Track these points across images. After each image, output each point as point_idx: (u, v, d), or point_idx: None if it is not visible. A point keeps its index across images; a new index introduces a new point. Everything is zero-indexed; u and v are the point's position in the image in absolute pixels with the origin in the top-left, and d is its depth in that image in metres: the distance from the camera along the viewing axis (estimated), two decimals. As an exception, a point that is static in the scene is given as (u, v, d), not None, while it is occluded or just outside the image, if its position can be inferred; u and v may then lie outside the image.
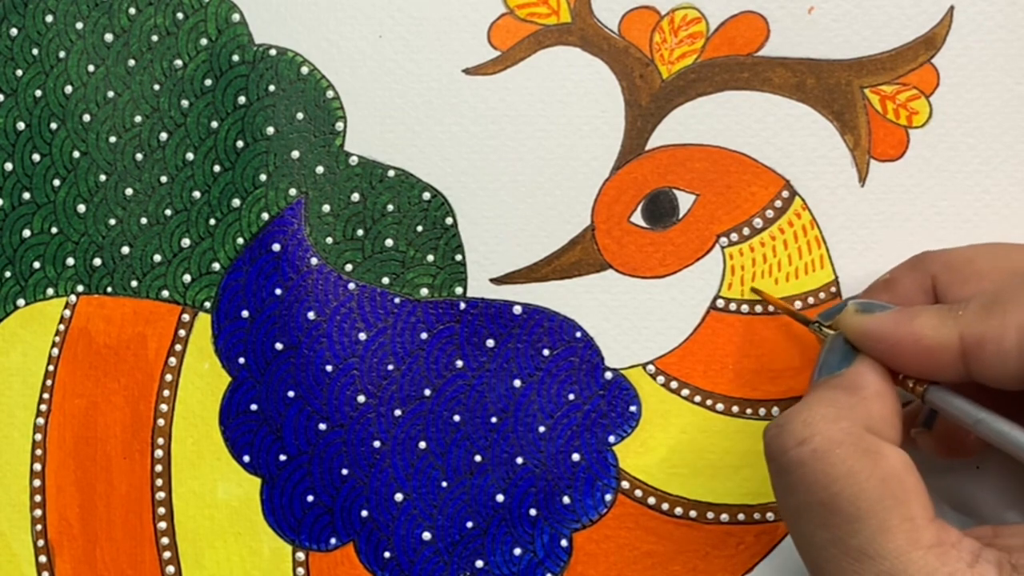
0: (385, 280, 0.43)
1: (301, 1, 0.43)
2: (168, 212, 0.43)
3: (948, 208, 0.43)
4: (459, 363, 0.43)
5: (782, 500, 0.36)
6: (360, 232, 0.43)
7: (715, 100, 0.43)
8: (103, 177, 0.43)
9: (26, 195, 0.43)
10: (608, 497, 0.43)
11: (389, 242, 0.43)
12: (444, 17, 0.43)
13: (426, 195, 0.43)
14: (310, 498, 0.43)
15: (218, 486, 0.43)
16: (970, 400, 0.36)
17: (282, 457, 0.43)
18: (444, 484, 0.43)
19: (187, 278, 0.43)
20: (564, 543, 0.43)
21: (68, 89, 0.43)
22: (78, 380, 0.43)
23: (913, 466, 0.35)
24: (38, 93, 0.43)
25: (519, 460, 0.43)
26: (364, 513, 0.43)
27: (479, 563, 0.43)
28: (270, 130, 0.43)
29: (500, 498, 0.43)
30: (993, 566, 0.33)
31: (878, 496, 0.34)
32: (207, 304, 0.43)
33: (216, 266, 0.43)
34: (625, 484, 0.43)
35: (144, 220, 0.43)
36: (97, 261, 0.43)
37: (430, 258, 0.43)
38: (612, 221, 0.43)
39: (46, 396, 0.43)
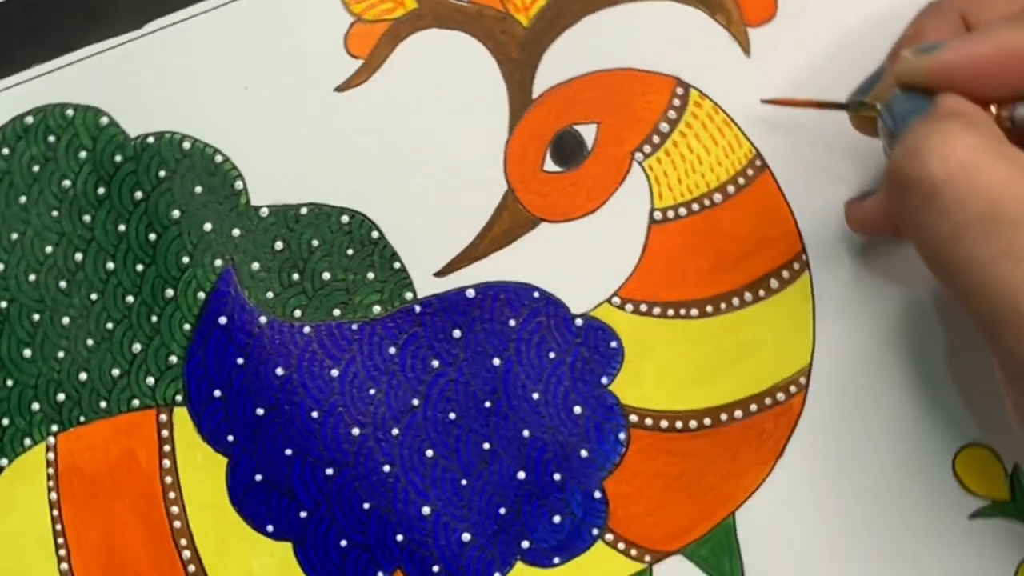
0: (336, 312, 0.43)
1: (161, 84, 0.43)
2: (110, 326, 0.43)
3: (840, 39, 0.43)
4: (435, 363, 0.43)
5: (932, 228, 0.33)
6: (296, 276, 0.43)
7: (581, 28, 0.43)
8: (36, 316, 0.43)
9: (-28, 360, 0.43)
10: (622, 436, 0.43)
11: (326, 275, 0.43)
12: (298, 46, 0.43)
13: (344, 219, 0.43)
14: (343, 543, 0.43)
15: (253, 564, 0.43)
16: None
17: (302, 514, 0.43)
18: (464, 482, 0.43)
19: (151, 380, 0.43)
20: (597, 495, 0.43)
21: (-26, 247, 0.43)
22: (85, 515, 0.43)
23: None
24: (-53, 261, 0.43)
25: (525, 433, 0.43)
26: (399, 538, 0.43)
27: (525, 544, 0.43)
28: (176, 213, 0.43)
29: (521, 475, 0.43)
30: None
31: None
32: (178, 398, 0.43)
33: (173, 359, 0.43)
34: (633, 418, 0.43)
35: (90, 341, 0.43)
36: (61, 396, 0.43)
37: (371, 276, 0.43)
38: (527, 177, 0.43)
39: (60, 541, 0.43)
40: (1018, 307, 0.32)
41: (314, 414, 0.43)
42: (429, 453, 0.43)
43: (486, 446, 0.43)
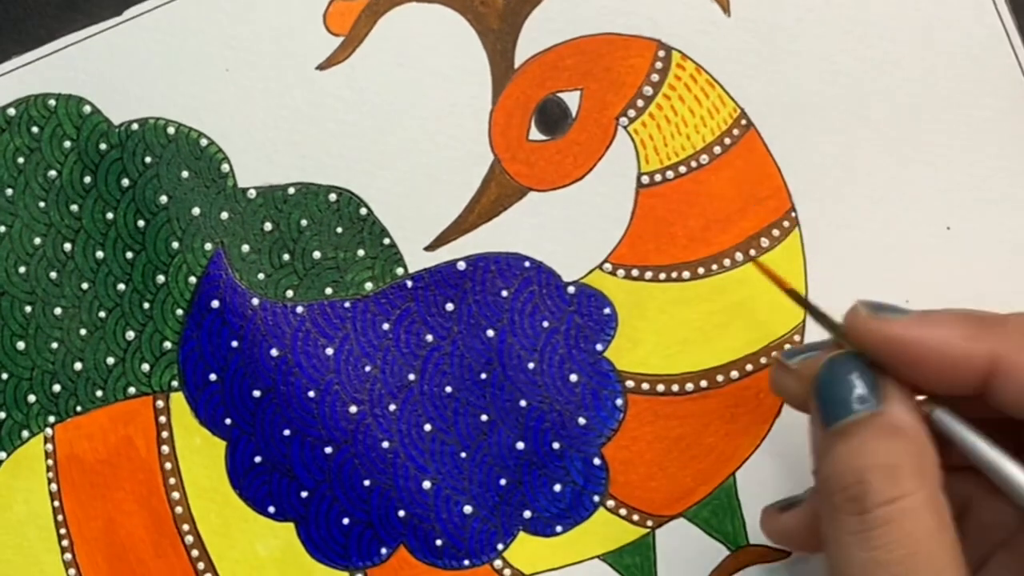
0: (328, 291, 0.43)
1: (143, 70, 0.43)
2: (102, 314, 0.43)
3: None
4: (429, 337, 0.43)
5: (854, 552, 0.34)
6: (286, 257, 0.43)
7: (560, -4, 0.43)
8: (28, 308, 0.43)
9: (-34, 356, 0.43)
10: (619, 402, 0.43)
11: (317, 255, 0.43)
12: (277, 26, 0.43)
13: (332, 196, 0.43)
14: (346, 521, 0.43)
15: (256, 546, 0.43)
16: (976, 429, 0.35)
17: (303, 494, 0.43)
18: (463, 455, 0.43)
19: (145, 367, 0.43)
20: (597, 461, 0.43)
21: (-37, 242, 0.43)
22: (86, 504, 0.43)
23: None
24: (-63, 257, 0.43)
25: (523, 403, 0.43)
26: (401, 513, 0.43)
27: (527, 513, 0.43)
28: (163, 199, 0.43)
29: (520, 445, 0.43)
30: None
31: (948, 560, 0.34)
32: (174, 383, 0.43)
33: (167, 345, 0.43)
34: (630, 383, 0.43)
35: (83, 331, 0.43)
36: (56, 387, 0.43)
37: (361, 253, 0.43)
38: (513, 146, 0.43)
39: (63, 532, 0.43)
40: None
41: (311, 393, 0.43)
42: (427, 427, 0.43)
43: (484, 418, 0.43)
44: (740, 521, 0.43)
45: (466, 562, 0.43)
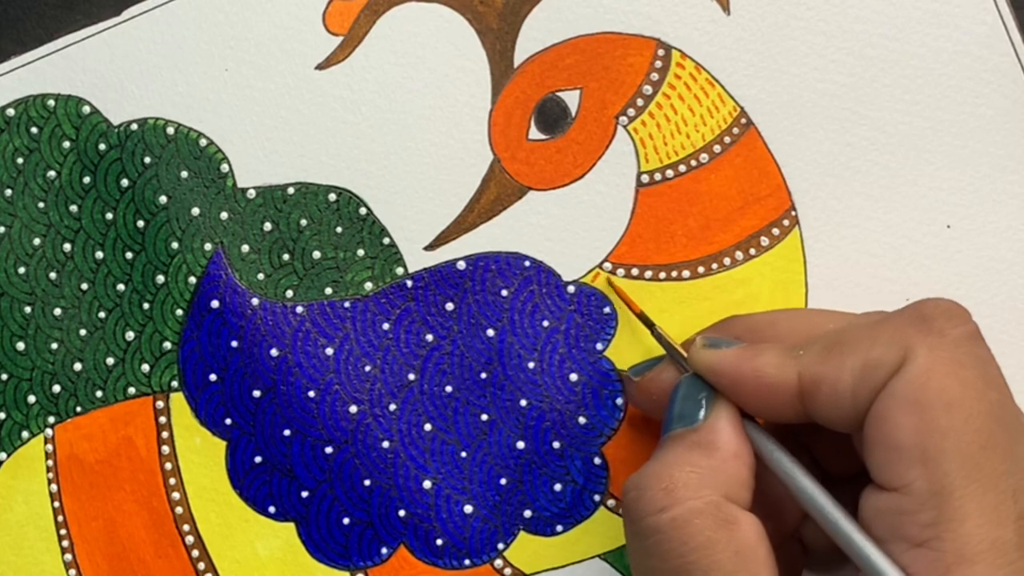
0: (328, 291, 0.43)
1: (142, 70, 0.43)
2: (102, 315, 0.43)
3: None
4: (429, 337, 0.43)
5: (635, 560, 0.37)
6: (286, 256, 0.43)
7: (559, -6, 0.43)
8: (28, 309, 0.43)
9: (-34, 356, 0.43)
10: (619, 401, 0.43)
11: (316, 254, 0.43)
12: (276, 26, 0.43)
13: (332, 196, 0.43)
14: (346, 520, 0.43)
15: (257, 545, 0.43)
16: (775, 441, 0.37)
17: (304, 494, 0.43)
18: (464, 454, 0.43)
19: (145, 368, 0.43)
20: (597, 461, 0.43)
21: (-38, 242, 0.43)
22: (86, 505, 0.43)
23: (764, 534, 0.35)
24: (-64, 258, 0.43)
25: (523, 403, 0.43)
26: (402, 513, 0.43)
27: (527, 513, 0.43)
28: (163, 199, 0.43)
29: (520, 445, 0.43)
30: None
31: (732, 568, 0.34)
32: (174, 384, 0.43)
33: (167, 345, 0.43)
34: (630, 382, 0.43)
35: (83, 332, 0.43)
36: (56, 388, 0.43)
37: (360, 253, 0.43)
38: (513, 146, 0.43)
39: (63, 532, 0.43)
40: None
41: (311, 393, 0.43)
42: (428, 427, 0.43)
43: (484, 417, 0.43)
44: (741, 520, 0.43)
45: (467, 562, 0.43)
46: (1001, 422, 0.34)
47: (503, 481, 0.43)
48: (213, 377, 0.43)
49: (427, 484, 0.43)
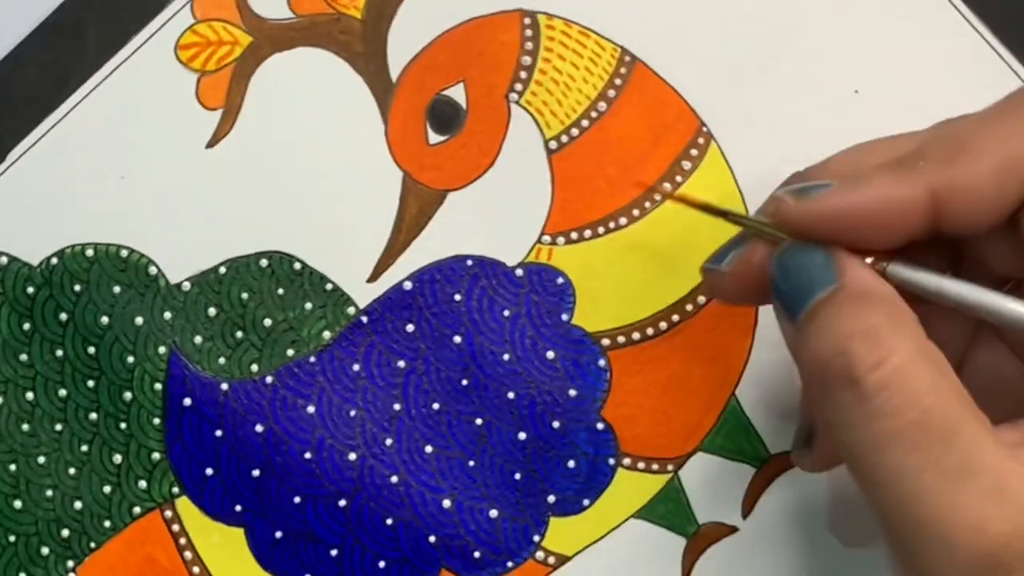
0: (290, 352, 0.43)
1: (42, 205, 0.43)
2: (84, 448, 0.43)
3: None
4: (400, 364, 0.43)
5: (860, 431, 0.32)
6: (240, 334, 0.43)
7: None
8: (12, 467, 0.43)
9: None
10: (601, 363, 0.43)
11: (268, 322, 0.43)
12: (155, 120, 0.43)
13: (263, 262, 0.43)
14: (381, 564, 0.43)
15: (305, 617, 0.43)
16: (932, 271, 0.34)
17: (333, 553, 0.43)
18: (471, 463, 0.43)
19: (142, 484, 0.43)
20: (600, 426, 0.43)
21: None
22: (131, 633, 0.43)
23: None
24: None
25: (510, 396, 0.43)
26: (432, 539, 0.43)
27: (550, 498, 0.43)
28: (104, 320, 0.43)
29: (522, 436, 0.43)
30: None
31: (962, 409, 0.31)
32: (175, 490, 0.43)
33: (156, 456, 0.43)
34: (605, 342, 0.43)
35: (72, 470, 0.43)
36: (65, 532, 0.43)
37: (309, 306, 0.43)
38: (417, 156, 0.43)
39: (118, 667, 0.43)
40: (942, 524, 0.31)
41: (307, 455, 0.43)
42: (428, 449, 0.43)
43: (479, 422, 0.43)
44: (756, 437, 0.43)
45: (509, 564, 0.43)
46: None
47: (517, 476, 0.43)
48: (209, 471, 0.43)
49: (447, 503, 0.43)
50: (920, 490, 0.31)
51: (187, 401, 0.43)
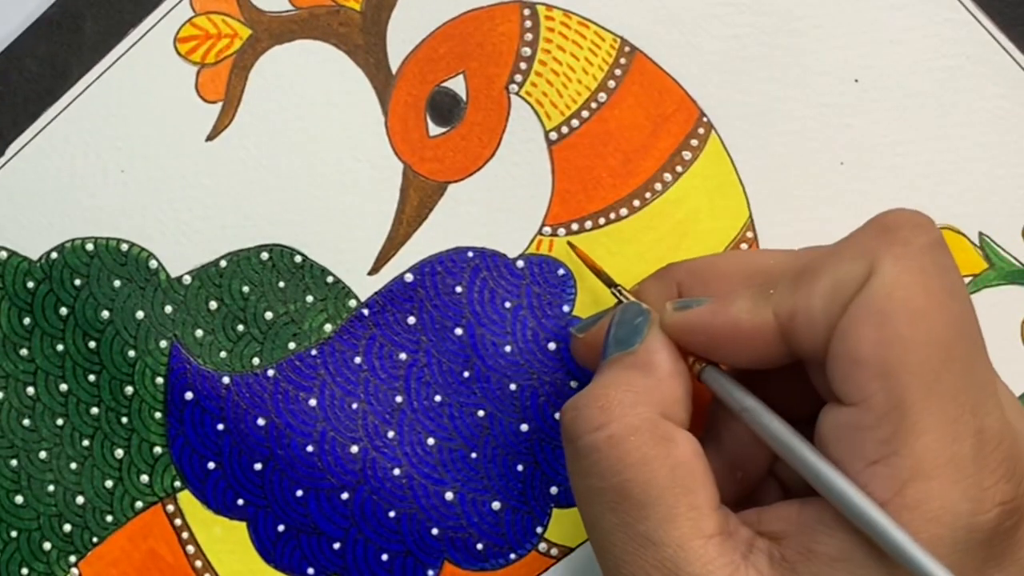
0: (292, 345, 0.43)
1: (42, 199, 0.43)
2: (86, 443, 0.43)
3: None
4: (402, 356, 0.43)
5: (575, 482, 0.36)
6: (241, 327, 0.43)
7: (412, -9, 0.43)
8: (14, 462, 0.43)
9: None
10: (603, 353, 0.43)
11: (269, 315, 0.43)
12: (155, 112, 0.43)
13: (264, 255, 0.43)
14: (384, 557, 0.43)
15: (308, 610, 0.43)
16: (742, 386, 0.36)
17: (336, 546, 0.43)
18: (474, 455, 0.43)
19: (144, 478, 0.43)
20: (602, 417, 0.43)
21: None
22: (134, 628, 0.43)
23: (702, 452, 0.35)
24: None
25: (512, 387, 0.43)
26: (435, 531, 0.43)
27: (553, 490, 0.43)
28: (105, 314, 0.43)
29: (524, 427, 0.43)
30: (765, 556, 0.34)
31: (668, 484, 0.34)
32: (177, 484, 0.43)
33: (158, 450, 0.43)
34: (607, 333, 0.43)
35: (74, 465, 0.43)
36: (67, 527, 0.43)
37: (310, 299, 0.43)
38: (418, 148, 0.43)
39: (121, 661, 0.43)
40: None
41: (309, 448, 0.43)
42: (431, 441, 0.43)
43: (481, 414, 0.43)
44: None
45: (512, 556, 0.43)
46: (963, 335, 0.34)
47: (520, 468, 0.43)
48: (211, 465, 0.43)
49: (449, 496, 0.43)
50: (610, 545, 0.35)
51: (189, 395, 0.43)
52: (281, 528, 0.43)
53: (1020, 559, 0.33)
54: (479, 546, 0.43)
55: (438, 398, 0.43)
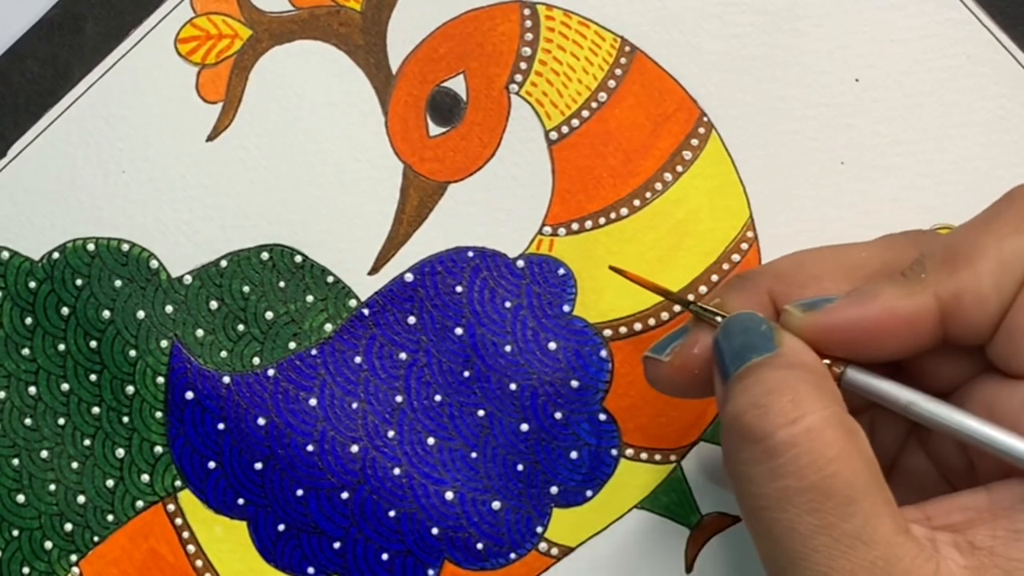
0: (292, 345, 0.43)
1: (43, 200, 0.43)
2: (87, 442, 0.43)
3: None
4: (402, 356, 0.43)
5: (761, 487, 0.33)
6: (241, 327, 0.43)
7: (412, -9, 0.43)
8: (15, 461, 0.43)
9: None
10: (603, 354, 0.43)
11: (269, 315, 0.43)
12: (156, 113, 0.43)
13: (264, 255, 0.43)
14: (384, 556, 0.43)
15: (308, 609, 0.43)
16: (895, 381, 0.35)
17: (336, 545, 0.43)
18: (474, 455, 0.43)
19: (145, 478, 0.43)
20: (603, 417, 0.43)
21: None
22: (135, 627, 0.43)
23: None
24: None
25: (512, 387, 0.43)
26: (435, 531, 0.43)
27: (553, 489, 0.43)
28: (106, 314, 0.43)
29: (524, 427, 0.43)
30: (951, 547, 0.32)
31: (869, 479, 0.32)
32: (177, 483, 0.43)
33: (159, 449, 0.43)
34: (607, 332, 0.43)
35: (75, 464, 0.43)
36: (68, 526, 0.43)
37: (310, 298, 0.43)
38: (418, 148, 0.43)
39: (122, 660, 0.43)
40: None
41: (309, 448, 0.43)
42: (431, 441, 0.43)
43: (481, 413, 0.43)
44: (758, 426, 0.43)
45: (512, 555, 0.43)
46: None
47: (520, 467, 0.43)
48: (212, 465, 0.43)
49: (449, 495, 0.43)
50: (810, 551, 0.32)
51: (189, 395, 0.43)
52: (281, 527, 0.43)
53: None
54: (479, 545, 0.43)
55: (438, 398, 0.43)
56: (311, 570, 0.43)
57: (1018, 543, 0.32)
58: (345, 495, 0.43)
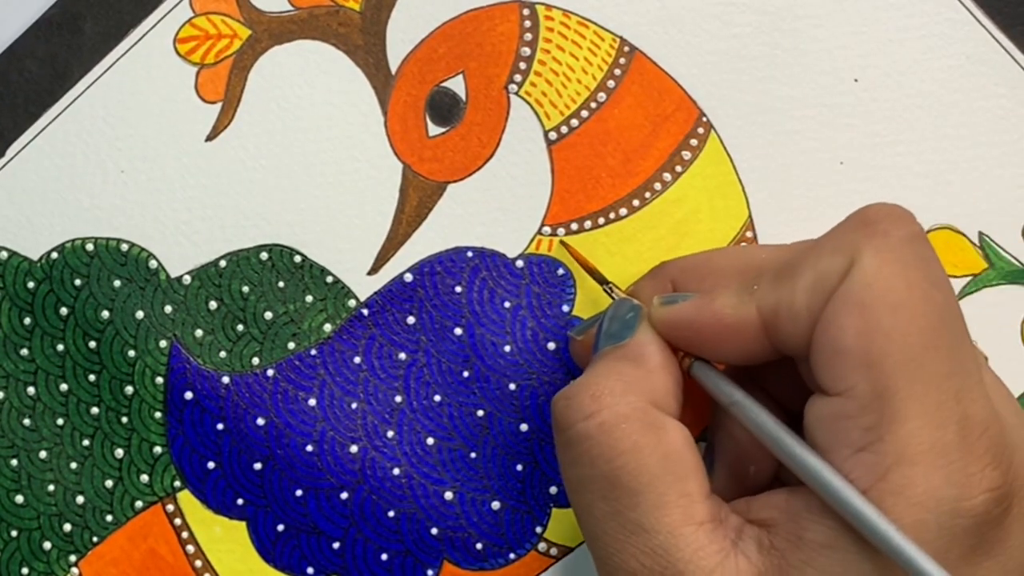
0: (291, 345, 0.43)
1: (42, 200, 0.43)
2: (86, 443, 0.43)
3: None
4: (401, 356, 0.43)
5: (566, 471, 0.37)
6: (240, 327, 0.43)
7: (412, -9, 0.43)
8: (14, 462, 0.43)
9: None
10: (602, 353, 0.43)
11: (268, 315, 0.43)
12: (155, 113, 0.43)
13: (263, 255, 0.43)
14: (384, 557, 0.43)
15: (308, 609, 0.43)
16: (730, 380, 0.37)
17: (335, 545, 0.43)
18: (473, 455, 0.43)
19: (144, 478, 0.43)
20: (602, 417, 0.43)
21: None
22: (134, 627, 0.43)
23: (692, 442, 0.36)
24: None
25: (512, 387, 0.43)
26: (434, 531, 0.43)
27: (552, 489, 0.43)
28: (105, 314, 0.43)
29: (524, 427, 0.43)
30: (754, 543, 0.34)
31: (659, 471, 0.35)
32: (176, 484, 0.43)
33: (158, 449, 0.43)
34: (606, 333, 0.43)
35: (74, 464, 0.43)
36: (67, 527, 0.43)
37: (309, 299, 0.43)
38: (417, 148, 0.43)
39: (121, 661, 0.43)
40: (611, 565, 0.35)
41: (308, 448, 0.43)
42: (430, 441, 0.43)
43: (480, 413, 0.43)
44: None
45: (511, 555, 0.43)
46: (945, 323, 0.34)
47: (519, 467, 0.43)
48: (211, 465, 0.43)
49: (448, 495, 0.43)
50: (601, 533, 0.35)
51: (188, 395, 0.43)
52: (281, 528, 0.43)
53: (1010, 548, 0.33)
54: (479, 546, 0.43)
55: (437, 398, 0.43)
56: (310, 570, 0.43)
57: (798, 549, 0.33)
58: (344, 495, 0.43)
